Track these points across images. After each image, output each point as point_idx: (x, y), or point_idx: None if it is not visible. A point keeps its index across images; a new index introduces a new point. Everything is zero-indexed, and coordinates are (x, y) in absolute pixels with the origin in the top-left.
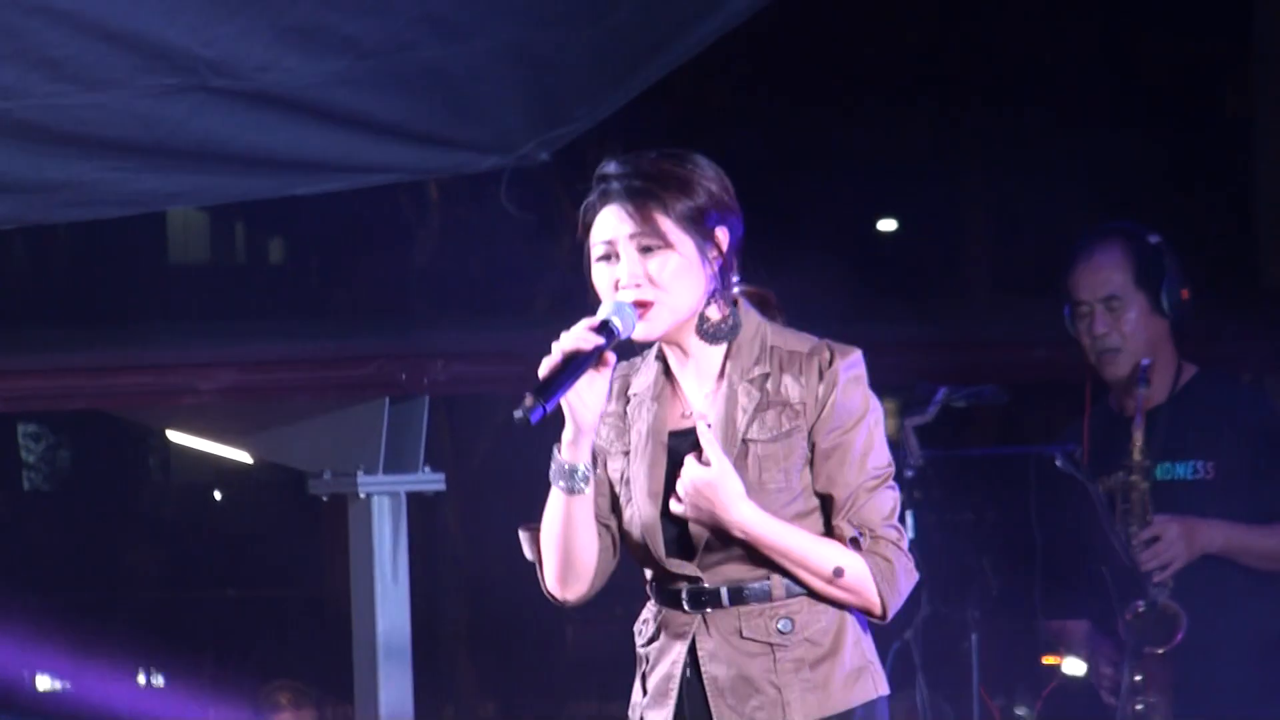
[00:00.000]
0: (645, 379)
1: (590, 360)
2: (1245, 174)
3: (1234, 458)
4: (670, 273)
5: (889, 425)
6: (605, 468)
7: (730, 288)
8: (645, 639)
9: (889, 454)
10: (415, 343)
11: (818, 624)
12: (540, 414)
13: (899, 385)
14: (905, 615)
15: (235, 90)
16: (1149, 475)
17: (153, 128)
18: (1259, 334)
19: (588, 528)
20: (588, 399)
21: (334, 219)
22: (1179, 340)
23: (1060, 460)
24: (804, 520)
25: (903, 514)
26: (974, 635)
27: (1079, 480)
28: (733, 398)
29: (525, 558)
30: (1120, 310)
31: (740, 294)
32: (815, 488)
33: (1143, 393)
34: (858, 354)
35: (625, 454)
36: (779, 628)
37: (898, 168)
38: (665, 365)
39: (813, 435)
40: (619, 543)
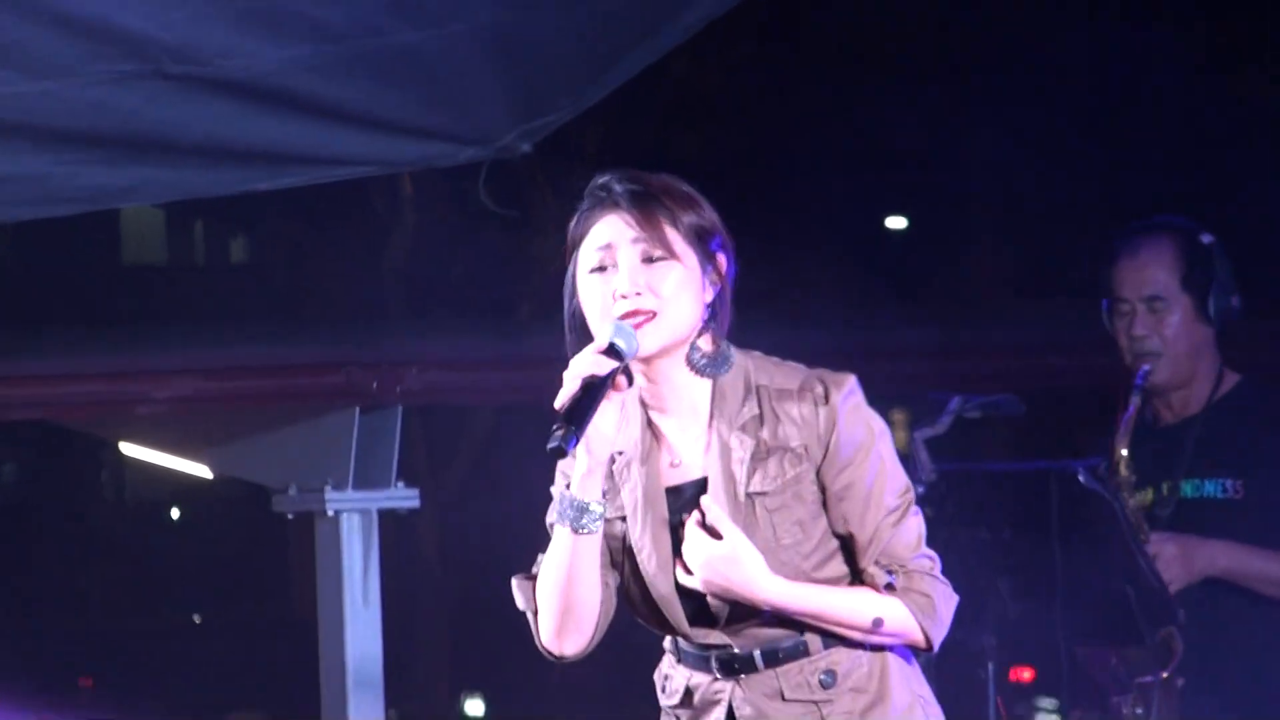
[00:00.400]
0: (629, 435)
1: (606, 385)
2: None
3: (1272, 473)
4: (673, 284)
5: (898, 438)
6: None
7: (725, 321)
8: (674, 700)
9: (904, 475)
10: (387, 349)
11: (860, 670)
12: (575, 442)
13: (909, 395)
14: None
15: (194, 77)
16: (1135, 491)
17: (106, 117)
18: None
19: (593, 573)
20: (602, 428)
21: (300, 216)
22: (1224, 348)
23: (1083, 475)
24: (827, 565)
25: None
26: (990, 664)
27: (1104, 497)
28: (726, 451)
29: (516, 605)
30: (1163, 312)
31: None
32: (834, 529)
33: (1136, 402)
34: (852, 380)
35: (622, 519)
36: (821, 681)
37: (906, 162)
38: (647, 416)
39: (821, 477)
40: (615, 597)
